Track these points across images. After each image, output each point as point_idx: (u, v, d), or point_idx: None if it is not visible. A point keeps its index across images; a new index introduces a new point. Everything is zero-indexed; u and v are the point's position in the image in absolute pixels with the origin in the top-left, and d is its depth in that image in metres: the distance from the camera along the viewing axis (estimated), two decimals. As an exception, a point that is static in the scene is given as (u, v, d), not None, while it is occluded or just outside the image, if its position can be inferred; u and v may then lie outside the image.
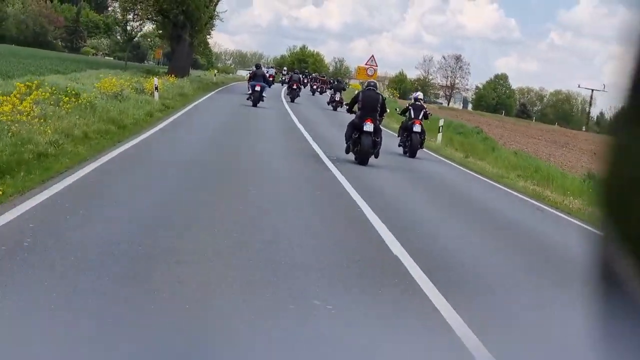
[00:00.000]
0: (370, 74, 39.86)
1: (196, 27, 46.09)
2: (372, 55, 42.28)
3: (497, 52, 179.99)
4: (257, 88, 31.49)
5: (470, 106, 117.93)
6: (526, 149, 33.04)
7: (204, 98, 33.86)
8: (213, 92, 40.15)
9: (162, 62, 74.09)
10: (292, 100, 40.85)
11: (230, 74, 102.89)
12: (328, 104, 40.56)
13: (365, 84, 17.41)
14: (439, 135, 27.27)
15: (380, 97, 16.90)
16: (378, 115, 16.64)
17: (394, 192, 13.74)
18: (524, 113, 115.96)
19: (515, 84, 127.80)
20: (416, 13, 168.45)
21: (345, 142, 16.89)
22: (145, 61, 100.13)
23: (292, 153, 17.26)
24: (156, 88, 26.41)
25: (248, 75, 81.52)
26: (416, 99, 21.54)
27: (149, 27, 58.26)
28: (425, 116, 20.91)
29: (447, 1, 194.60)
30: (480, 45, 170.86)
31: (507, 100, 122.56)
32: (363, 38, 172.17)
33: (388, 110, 17.72)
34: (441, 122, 28.33)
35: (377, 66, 41.53)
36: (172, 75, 37.27)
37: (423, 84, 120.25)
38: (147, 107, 21.16)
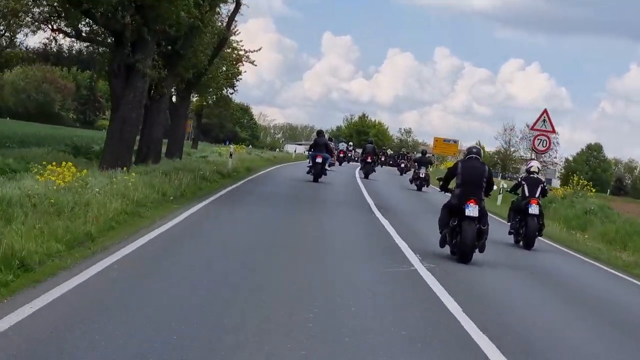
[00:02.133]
0: (541, 147, 25.56)
1: (186, 55, 23.90)
2: (545, 111, 25.26)
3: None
4: (318, 160, 27.32)
5: (556, 182, 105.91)
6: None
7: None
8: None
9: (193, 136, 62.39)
10: (366, 177, 35.02)
11: (277, 150, 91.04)
12: (411, 182, 33.17)
13: (466, 151, 12.85)
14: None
15: (487, 168, 12.59)
16: (483, 194, 12.16)
17: (520, 310, 9.36)
18: (619, 189, 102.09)
19: (566, 152, 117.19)
20: (466, 84, 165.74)
21: (439, 231, 12.47)
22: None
23: (367, 249, 13.06)
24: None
25: (304, 150, 64.85)
26: (530, 172, 16.77)
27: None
28: (544, 193, 16.38)
29: (497, 72, 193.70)
30: (531, 115, 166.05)
31: (603, 175, 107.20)
32: (414, 110, 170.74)
33: (496, 187, 13.10)
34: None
35: (553, 132, 25.79)
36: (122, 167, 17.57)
37: (504, 157, 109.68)
38: None
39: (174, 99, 29.49)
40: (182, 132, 30.25)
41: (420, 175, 31.53)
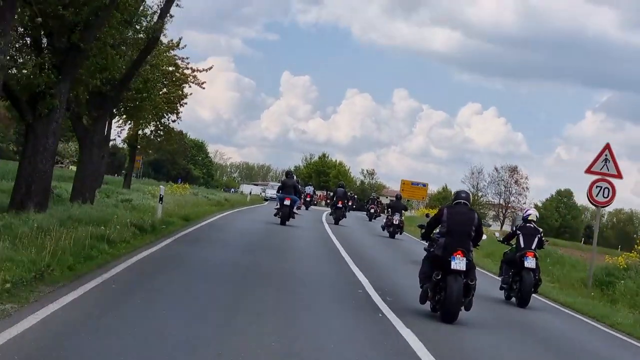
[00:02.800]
0: (601, 199, 18.89)
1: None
2: (608, 146, 18.97)
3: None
4: (287, 202, 26.09)
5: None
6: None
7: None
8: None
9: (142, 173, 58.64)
10: (336, 222, 32.33)
11: (232, 191, 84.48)
12: (383, 228, 30.16)
13: (454, 196, 11.35)
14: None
15: (476, 216, 11.15)
16: (472, 244, 10.74)
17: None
18: (590, 237, 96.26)
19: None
20: (424, 126, 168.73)
21: (419, 285, 11.01)
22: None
23: (336, 297, 11.38)
24: None
25: (260, 192, 64.31)
26: (526, 219, 15.03)
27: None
28: (541, 244, 14.75)
29: (455, 115, 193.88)
30: (488, 159, 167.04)
31: (573, 222, 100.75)
32: (371, 151, 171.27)
33: (485, 236, 11.62)
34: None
35: (619, 176, 18.84)
36: None
37: (472, 202, 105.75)
38: None
39: (84, 120, 20.38)
40: (95, 166, 21.13)
41: (394, 222, 29.04)
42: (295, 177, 29.03)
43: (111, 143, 37.84)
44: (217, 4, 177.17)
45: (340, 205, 32.53)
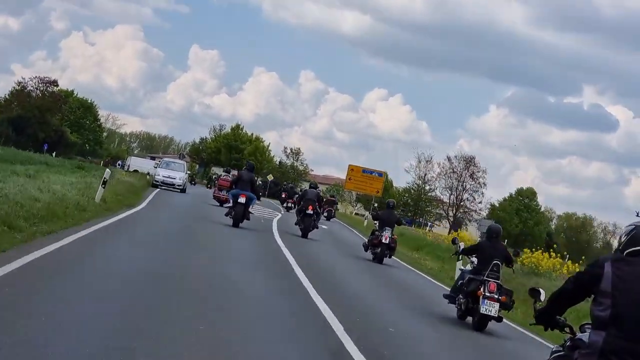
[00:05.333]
0: None
1: None
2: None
3: (408, 154, 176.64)
4: (241, 199, 22.02)
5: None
6: None
7: None
8: None
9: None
10: (304, 234, 24.21)
11: (118, 165, 68.04)
12: (366, 248, 21.97)
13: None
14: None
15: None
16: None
17: None
18: (549, 247, 74.85)
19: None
20: (329, 109, 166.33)
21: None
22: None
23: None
24: None
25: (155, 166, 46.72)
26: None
27: None
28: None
29: (361, 99, 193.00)
30: (391, 146, 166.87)
31: (535, 229, 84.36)
32: (274, 130, 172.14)
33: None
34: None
35: None
36: None
37: (417, 198, 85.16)
38: None
39: None
40: None
41: (383, 241, 20.79)
42: (249, 171, 24.05)
43: None
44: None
45: (310, 211, 24.16)
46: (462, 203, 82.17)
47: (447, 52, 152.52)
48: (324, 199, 39.16)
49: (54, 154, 52.54)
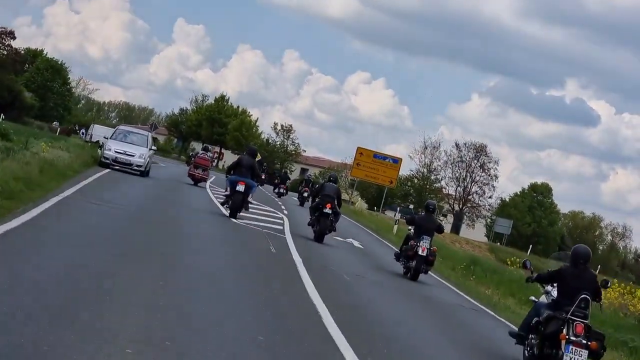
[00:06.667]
0: None
1: None
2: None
3: (388, 139, 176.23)
4: (240, 187, 19.10)
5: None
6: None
7: None
8: None
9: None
10: (319, 239, 20.09)
11: (81, 133, 59.83)
12: (398, 258, 18.28)
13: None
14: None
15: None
16: None
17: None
18: (561, 249, 68.10)
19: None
20: (311, 89, 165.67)
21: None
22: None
23: None
24: None
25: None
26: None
27: None
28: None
29: (344, 82, 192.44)
30: (371, 129, 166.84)
31: (549, 230, 74.69)
32: (255, 108, 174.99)
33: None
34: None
35: None
36: None
37: (421, 188, 73.70)
38: None
39: None
40: None
41: (420, 252, 17.23)
42: (252, 157, 20.01)
43: None
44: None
45: (328, 209, 19.86)
46: (469, 197, 71.95)
47: (433, 40, 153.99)
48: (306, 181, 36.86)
49: (1, 117, 44.45)
